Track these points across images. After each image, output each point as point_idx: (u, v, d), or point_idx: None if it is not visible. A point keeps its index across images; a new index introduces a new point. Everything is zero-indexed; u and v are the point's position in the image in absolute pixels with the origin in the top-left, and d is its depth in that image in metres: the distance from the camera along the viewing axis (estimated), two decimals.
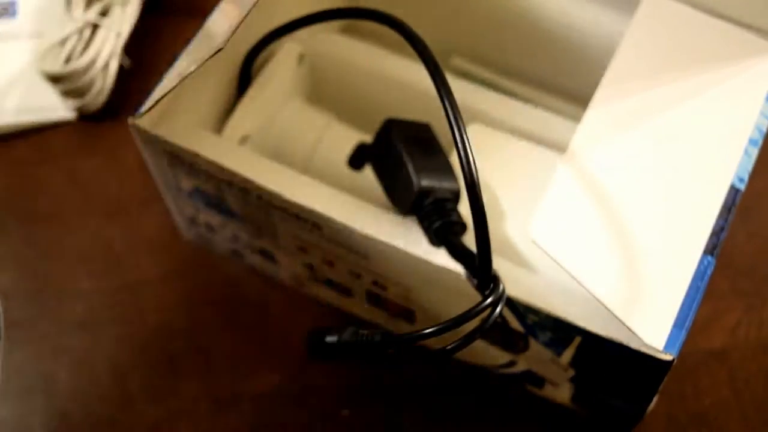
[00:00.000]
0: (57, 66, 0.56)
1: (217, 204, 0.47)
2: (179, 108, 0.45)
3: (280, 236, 0.46)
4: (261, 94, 0.49)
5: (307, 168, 0.49)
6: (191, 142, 0.44)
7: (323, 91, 0.53)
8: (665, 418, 0.48)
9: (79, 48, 0.56)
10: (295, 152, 0.49)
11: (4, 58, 0.61)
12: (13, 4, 0.62)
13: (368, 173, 0.48)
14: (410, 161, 0.42)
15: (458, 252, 0.40)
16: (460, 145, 0.36)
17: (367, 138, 0.50)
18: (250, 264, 0.52)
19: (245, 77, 0.49)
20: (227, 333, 0.52)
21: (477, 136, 0.46)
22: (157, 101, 0.41)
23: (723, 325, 0.51)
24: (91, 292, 0.53)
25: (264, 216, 0.45)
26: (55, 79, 0.56)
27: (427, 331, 0.36)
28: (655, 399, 0.44)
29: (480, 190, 0.36)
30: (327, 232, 0.43)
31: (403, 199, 0.42)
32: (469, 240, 0.39)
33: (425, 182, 0.41)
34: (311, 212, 0.42)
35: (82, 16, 0.57)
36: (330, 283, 0.49)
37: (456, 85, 0.47)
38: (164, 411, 0.49)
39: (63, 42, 0.56)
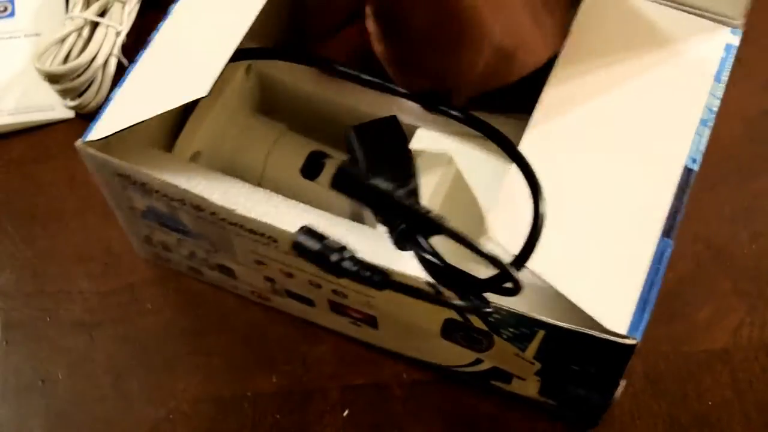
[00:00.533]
0: (55, 65, 0.56)
1: (171, 223, 0.46)
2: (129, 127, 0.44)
3: (237, 251, 0.46)
4: (210, 109, 0.48)
5: (260, 180, 0.49)
6: (142, 161, 0.43)
7: (273, 102, 0.52)
8: (667, 419, 0.48)
9: (78, 47, 0.56)
10: (247, 165, 0.49)
11: (3, 58, 0.61)
12: (11, 4, 0.62)
13: (322, 181, 0.48)
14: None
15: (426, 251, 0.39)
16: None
17: (320, 146, 0.49)
18: (209, 280, 0.52)
19: None
20: (226, 333, 0.51)
21: (424, 141, 0.46)
22: (115, 132, 0.42)
23: (725, 326, 0.51)
24: (89, 292, 0.53)
25: (219, 232, 0.45)
26: (53, 78, 0.55)
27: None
28: (622, 384, 0.44)
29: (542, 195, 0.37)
30: (283, 244, 0.43)
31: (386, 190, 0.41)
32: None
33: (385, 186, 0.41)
34: (266, 226, 0.42)
35: (81, 14, 0.57)
36: (291, 295, 0.49)
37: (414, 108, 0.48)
38: (164, 411, 0.49)
39: (62, 41, 0.56)
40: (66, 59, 0.56)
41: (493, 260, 0.36)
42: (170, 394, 0.50)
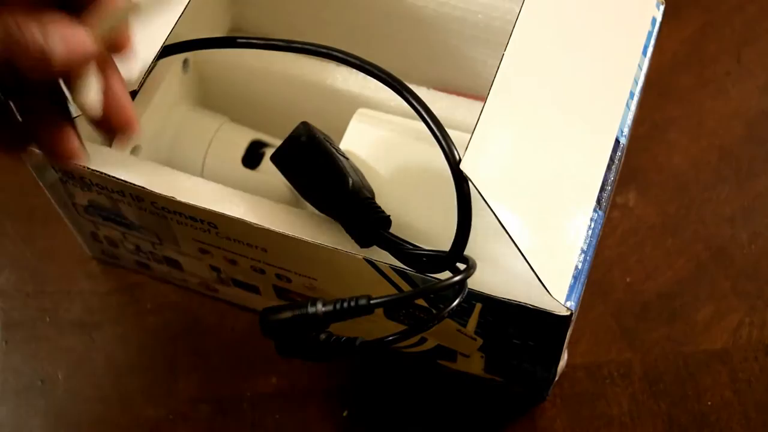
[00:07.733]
0: None
1: (114, 216, 0.46)
2: None
3: (180, 241, 0.46)
4: (148, 103, 0.48)
5: (202, 171, 0.49)
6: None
7: (212, 94, 0.53)
8: (666, 420, 0.48)
9: None
10: (188, 157, 0.49)
11: None
12: None
13: (263, 171, 0.48)
14: (342, 162, 0.41)
15: (393, 244, 0.40)
16: (441, 140, 0.38)
17: (259, 135, 0.50)
18: (158, 275, 0.52)
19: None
20: (226, 334, 0.51)
21: (363, 120, 0.46)
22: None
23: (725, 326, 0.51)
24: (89, 292, 0.53)
25: (161, 222, 0.45)
26: None
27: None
28: (564, 358, 0.43)
29: (468, 182, 0.37)
30: (223, 229, 0.43)
31: (328, 199, 0.41)
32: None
33: (355, 180, 0.41)
34: (204, 211, 0.42)
35: None
36: (237, 283, 0.49)
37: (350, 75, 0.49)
38: (164, 412, 0.49)
39: None
40: None
41: (436, 255, 0.37)
42: (170, 394, 0.50)
